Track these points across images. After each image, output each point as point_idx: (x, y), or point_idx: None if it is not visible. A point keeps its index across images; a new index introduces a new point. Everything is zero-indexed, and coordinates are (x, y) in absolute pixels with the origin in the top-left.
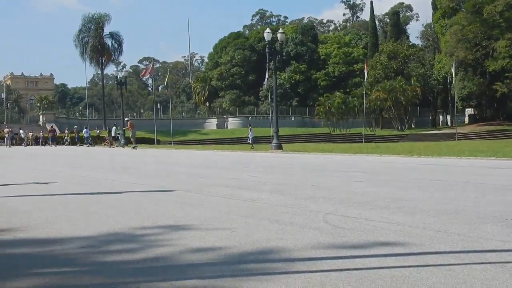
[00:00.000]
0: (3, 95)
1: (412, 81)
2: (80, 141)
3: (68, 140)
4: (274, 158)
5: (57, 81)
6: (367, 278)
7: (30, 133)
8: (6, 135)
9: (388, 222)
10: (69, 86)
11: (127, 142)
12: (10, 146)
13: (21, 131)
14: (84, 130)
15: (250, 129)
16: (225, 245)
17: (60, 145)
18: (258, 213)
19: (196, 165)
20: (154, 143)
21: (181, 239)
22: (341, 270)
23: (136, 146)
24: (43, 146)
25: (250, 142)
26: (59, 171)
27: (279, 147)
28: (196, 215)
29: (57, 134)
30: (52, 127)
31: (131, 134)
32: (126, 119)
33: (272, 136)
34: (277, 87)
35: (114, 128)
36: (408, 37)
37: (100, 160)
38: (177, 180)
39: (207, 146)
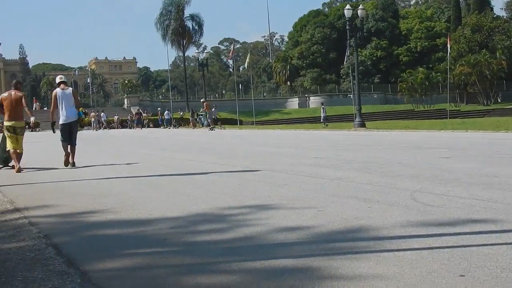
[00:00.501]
0: (89, 80)
1: (498, 54)
2: (165, 123)
3: (147, 123)
4: (358, 136)
5: (140, 65)
6: (459, 256)
7: (115, 116)
8: (93, 119)
9: (478, 199)
10: (152, 69)
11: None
12: (96, 130)
13: (102, 115)
14: (166, 112)
15: (323, 108)
16: (313, 224)
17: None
18: (344, 192)
19: (279, 144)
20: (237, 124)
21: (269, 218)
22: (431, 248)
23: (214, 127)
24: (130, 129)
25: (323, 121)
26: (146, 153)
27: (362, 125)
28: (283, 195)
29: (143, 116)
30: (138, 110)
31: (207, 115)
32: (201, 99)
33: (355, 114)
34: (358, 64)
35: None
36: (492, 9)
37: (185, 141)
38: (262, 160)
39: (289, 125)
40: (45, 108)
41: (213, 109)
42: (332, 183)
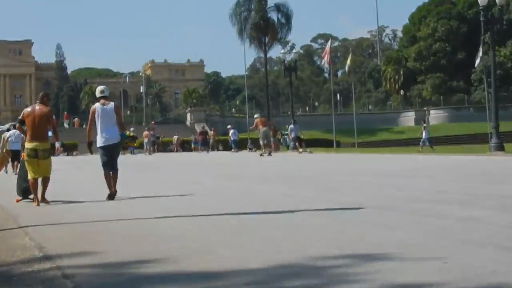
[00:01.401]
0: (142, 89)
1: None
2: (232, 144)
3: (214, 145)
4: (493, 162)
5: (208, 69)
6: None
7: (175, 137)
8: (146, 140)
9: None
10: (223, 75)
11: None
12: (150, 153)
13: (146, 133)
14: (232, 131)
15: (424, 126)
16: (437, 280)
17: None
18: (477, 237)
19: (388, 173)
20: (333, 146)
21: (377, 272)
22: None
23: (266, 152)
24: (193, 153)
25: (427, 143)
26: (214, 184)
27: (500, 148)
28: (394, 240)
29: (209, 136)
30: (203, 127)
31: (261, 136)
32: (255, 116)
33: (490, 133)
34: (496, 67)
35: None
36: None
37: (264, 168)
38: (366, 193)
39: (402, 148)
40: (84, 126)
41: (291, 126)
42: (459, 225)
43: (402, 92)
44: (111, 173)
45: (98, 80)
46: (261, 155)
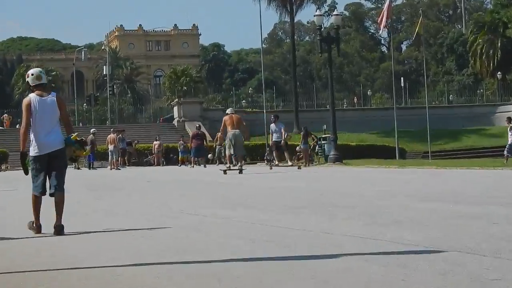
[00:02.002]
0: (106, 69)
1: None
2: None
3: (215, 155)
4: None
5: (204, 40)
6: None
7: (156, 142)
8: (111, 147)
9: None
10: (228, 49)
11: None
12: (117, 167)
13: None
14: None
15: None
16: None
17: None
18: None
19: (474, 198)
20: (394, 156)
21: None
22: None
23: (236, 166)
24: (182, 166)
25: (508, 153)
26: (212, 214)
27: None
28: None
29: (207, 141)
30: (198, 128)
31: (227, 143)
32: (227, 110)
33: None
34: None
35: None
36: None
37: (283, 190)
38: (442, 228)
39: (484, 161)
40: (18, 127)
41: (272, 125)
42: None
43: (499, 75)
44: (55, 194)
45: (38, 56)
46: (224, 172)
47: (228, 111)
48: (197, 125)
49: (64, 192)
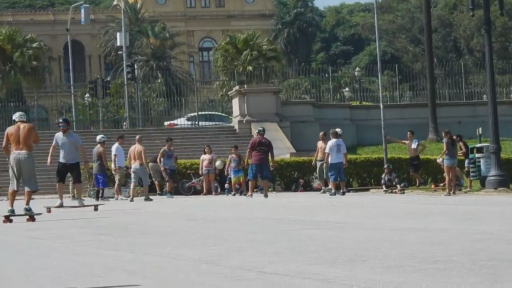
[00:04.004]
0: (120, 39)
1: None
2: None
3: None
4: None
5: None
6: None
7: (206, 156)
8: (136, 166)
9: None
10: (318, 5)
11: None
12: (129, 198)
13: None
14: (333, 143)
15: None
16: None
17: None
18: None
19: None
20: None
21: None
22: None
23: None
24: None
25: None
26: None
27: None
28: None
29: (273, 154)
30: (261, 132)
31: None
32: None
33: None
34: None
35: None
36: None
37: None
38: None
39: None
40: None
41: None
42: None
43: None
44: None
45: (9, 17)
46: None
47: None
48: (260, 129)
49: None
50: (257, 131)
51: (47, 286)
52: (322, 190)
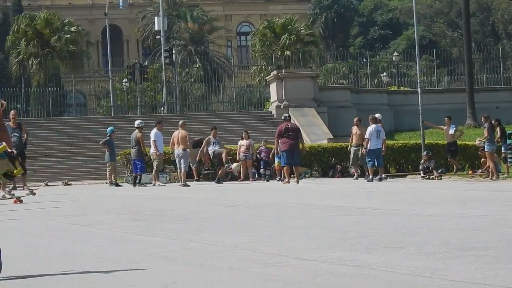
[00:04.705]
0: (158, 23)
1: None
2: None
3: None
4: None
5: None
6: None
7: (244, 142)
8: (179, 151)
9: None
10: None
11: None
12: (185, 183)
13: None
14: (373, 129)
15: None
16: None
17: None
18: None
19: None
20: None
21: None
22: None
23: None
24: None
25: None
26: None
27: None
28: None
29: (303, 140)
30: (287, 118)
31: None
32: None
33: None
34: None
35: None
36: None
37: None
38: None
39: None
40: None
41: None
42: None
43: None
44: None
45: (47, 1)
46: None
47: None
48: (286, 115)
49: None
50: (282, 117)
51: (88, 270)
52: (355, 177)
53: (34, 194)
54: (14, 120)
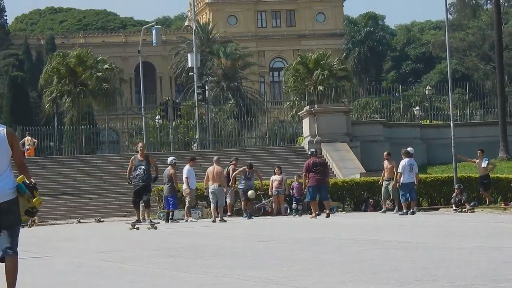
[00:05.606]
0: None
1: None
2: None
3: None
4: None
5: (352, 9)
6: None
7: (276, 177)
8: (215, 187)
9: None
10: (389, 23)
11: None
12: (222, 219)
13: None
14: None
15: None
16: None
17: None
18: None
19: None
20: None
21: None
22: None
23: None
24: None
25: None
26: None
27: None
28: None
29: (328, 174)
30: (314, 153)
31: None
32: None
33: None
34: None
35: None
36: None
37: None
38: None
39: None
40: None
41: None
42: None
43: None
44: (6, 259)
45: (81, 39)
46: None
47: None
48: (313, 150)
49: (18, 256)
50: (309, 152)
51: None
52: (382, 209)
53: (155, 228)
54: (142, 152)
